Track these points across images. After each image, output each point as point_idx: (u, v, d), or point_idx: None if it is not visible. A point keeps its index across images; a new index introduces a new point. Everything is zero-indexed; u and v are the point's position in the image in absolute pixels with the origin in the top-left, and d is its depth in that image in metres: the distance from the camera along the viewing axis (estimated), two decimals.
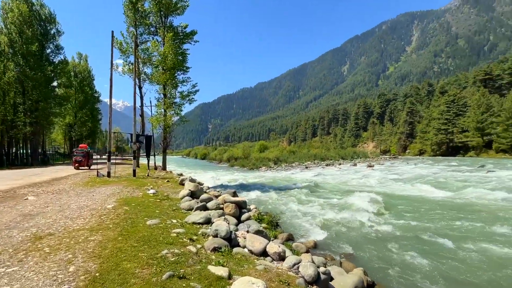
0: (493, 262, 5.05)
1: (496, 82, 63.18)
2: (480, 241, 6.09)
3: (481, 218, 7.77)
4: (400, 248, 5.92)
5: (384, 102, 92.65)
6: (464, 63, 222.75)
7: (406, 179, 18.06)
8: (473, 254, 5.41)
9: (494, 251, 5.48)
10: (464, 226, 7.18)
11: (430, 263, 5.09)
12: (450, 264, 5.05)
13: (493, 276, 4.57)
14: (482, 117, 46.96)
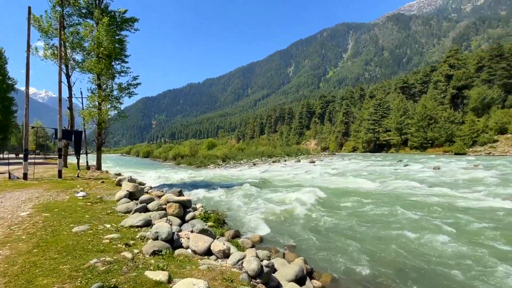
0: (411, 243, 5.95)
1: (411, 89, 74.76)
2: (400, 226, 7.11)
3: (402, 205, 9.10)
4: (335, 236, 6.52)
5: (324, 103, 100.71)
6: (388, 72, 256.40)
7: (342, 173, 20.00)
8: (395, 237, 6.28)
9: (411, 234, 6.45)
10: (388, 212, 8.30)
11: (359, 247, 5.73)
12: (376, 247, 5.76)
13: (410, 255, 5.38)
14: (400, 119, 55.08)
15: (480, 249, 5.37)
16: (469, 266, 4.73)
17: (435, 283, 4.30)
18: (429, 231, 6.43)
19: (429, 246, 5.63)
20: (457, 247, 5.47)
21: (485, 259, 4.93)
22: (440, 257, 5.15)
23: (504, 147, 39.10)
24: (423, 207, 8.80)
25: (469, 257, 5.05)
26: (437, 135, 47.30)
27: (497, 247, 5.52)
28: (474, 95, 50.90)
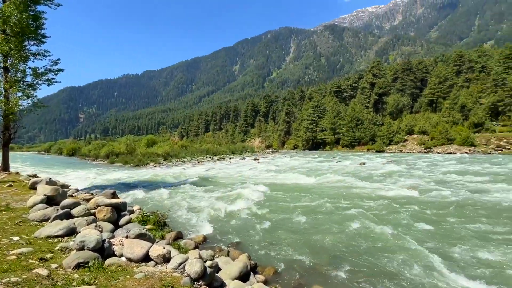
0: (344, 230, 6.60)
1: (343, 94, 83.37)
2: (335, 216, 7.82)
3: (336, 196, 10.05)
4: (278, 229, 6.81)
5: (268, 102, 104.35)
6: (324, 76, 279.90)
7: (284, 170, 21.07)
8: (331, 226, 6.89)
9: (345, 223, 7.16)
10: (324, 204, 9.06)
11: (300, 239, 6.10)
12: (315, 237, 6.22)
13: (344, 241, 5.96)
14: (334, 120, 60.98)
15: (396, 230, 6.31)
16: (391, 246, 5.50)
17: (366, 263, 4.87)
18: (358, 218, 7.27)
19: (359, 232, 6.36)
20: (382, 230, 6.32)
21: (402, 239, 5.82)
22: (368, 240, 5.87)
23: (411, 145, 47.12)
24: (352, 198, 9.92)
25: (389, 237, 5.89)
26: (363, 135, 54.00)
27: (410, 228, 6.58)
28: (390, 101, 59.86)
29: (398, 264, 4.76)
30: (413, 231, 6.42)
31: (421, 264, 4.66)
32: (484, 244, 5.48)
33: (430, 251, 5.12)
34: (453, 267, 4.52)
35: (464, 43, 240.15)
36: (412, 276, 4.33)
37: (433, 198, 9.77)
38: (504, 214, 7.62)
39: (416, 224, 6.89)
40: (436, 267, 4.53)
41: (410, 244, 5.51)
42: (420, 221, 7.06)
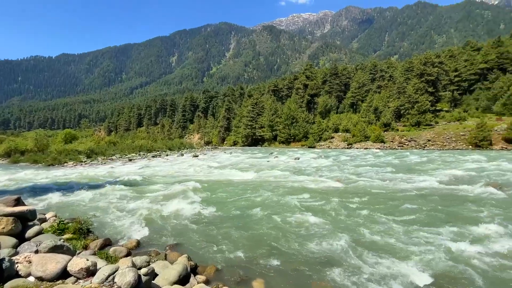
0: (281, 222, 6.95)
1: (280, 93, 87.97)
2: (273, 209, 8.18)
3: (273, 190, 10.52)
4: (219, 227, 6.74)
5: (208, 98, 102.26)
6: (263, 75, 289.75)
7: (224, 166, 21.03)
8: (270, 219, 7.17)
9: (281, 215, 7.53)
10: (264, 198, 9.38)
11: (240, 234, 6.18)
12: (255, 231, 6.39)
13: (281, 232, 6.27)
14: (272, 118, 63.93)
15: (326, 219, 7.01)
16: (321, 233, 6.06)
17: (301, 251, 5.24)
18: (293, 210, 7.79)
19: (295, 222, 6.82)
20: (314, 220, 6.91)
21: (331, 226, 6.49)
22: (302, 229, 6.34)
23: (337, 142, 53.25)
24: (288, 191, 10.58)
25: (321, 225, 6.50)
26: (297, 132, 58.25)
27: (337, 215, 7.40)
28: (320, 102, 66.17)
29: (328, 249, 5.30)
30: (339, 218, 7.24)
31: (353, 249, 5.29)
32: (397, 224, 6.59)
33: (360, 236, 5.86)
34: (373, 247, 5.28)
35: (377, 55, 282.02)
36: (341, 259, 4.88)
37: (354, 188, 11.22)
38: (408, 197, 9.30)
39: (342, 211, 7.79)
40: (365, 251, 5.21)
41: (338, 230, 6.20)
42: (345, 209, 8.01)
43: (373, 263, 4.63)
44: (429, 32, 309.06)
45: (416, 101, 50.82)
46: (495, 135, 40.12)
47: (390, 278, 4.14)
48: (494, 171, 15.01)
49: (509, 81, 50.96)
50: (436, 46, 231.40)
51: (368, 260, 4.77)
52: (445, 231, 5.96)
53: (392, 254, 4.94)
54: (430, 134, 46.30)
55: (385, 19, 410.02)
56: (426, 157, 24.81)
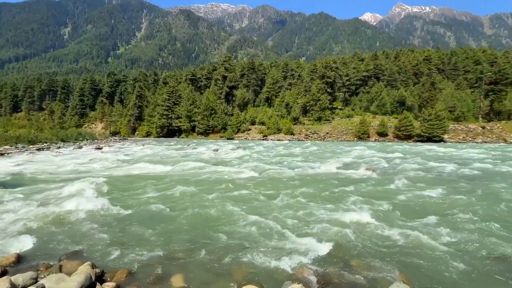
0: (200, 215, 6.85)
1: (199, 82, 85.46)
2: (191, 202, 7.97)
3: (192, 183, 10.24)
4: (130, 226, 6.11)
5: (114, 82, 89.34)
6: (180, 62, 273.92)
7: (136, 159, 19.03)
8: (187, 214, 6.97)
9: (202, 207, 7.43)
10: (181, 192, 9.02)
11: (155, 232, 5.79)
12: (171, 227, 6.10)
13: (199, 226, 6.19)
14: (190, 108, 61.61)
15: (243, 207, 7.36)
16: (241, 222, 6.33)
17: (222, 242, 5.33)
18: (212, 201, 7.84)
19: (214, 214, 6.87)
20: (232, 209, 7.13)
21: (249, 214, 6.85)
22: (221, 220, 6.46)
23: (254, 134, 56.24)
24: (207, 182, 10.55)
25: (240, 214, 6.77)
26: (216, 123, 58.24)
27: (254, 203, 7.87)
28: (239, 94, 68.04)
29: (246, 235, 5.61)
30: (255, 205, 7.75)
31: (267, 232, 5.73)
32: (302, 205, 7.53)
33: (273, 220, 6.39)
34: (290, 229, 5.89)
35: (289, 55, 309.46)
36: (257, 242, 5.25)
37: (268, 176, 12.20)
38: (312, 182, 10.76)
39: (258, 198, 8.36)
40: (278, 232, 5.73)
41: (254, 216, 6.62)
42: (260, 196, 8.63)
43: (283, 242, 5.20)
44: (329, 41, 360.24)
45: (318, 99, 58.67)
46: (371, 129, 50.79)
47: (297, 252, 4.76)
48: (371, 157, 19.14)
49: (381, 88, 65.10)
50: (334, 53, 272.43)
51: (280, 239, 5.32)
52: (338, 207, 7.25)
53: (298, 232, 5.67)
54: (328, 128, 54.60)
55: (296, 23, 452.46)
56: (325, 147, 29.24)
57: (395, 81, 68.21)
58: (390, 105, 58.73)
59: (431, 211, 6.96)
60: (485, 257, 4.59)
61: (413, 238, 5.26)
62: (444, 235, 5.43)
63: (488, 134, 46.19)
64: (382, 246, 5.05)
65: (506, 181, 10.93)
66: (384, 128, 48.22)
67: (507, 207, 7.31)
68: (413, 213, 6.96)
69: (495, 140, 43.95)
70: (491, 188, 9.84)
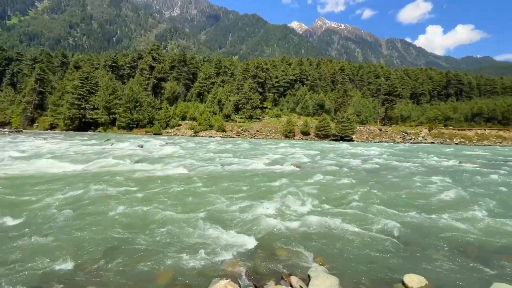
0: (116, 219, 6.09)
1: (120, 70, 76.36)
2: (108, 205, 7.02)
3: (109, 183, 9.03)
4: (25, 236, 4.97)
5: (3, 59, 71.22)
6: (97, 45, 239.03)
7: (35, 156, 15.62)
8: (102, 217, 6.10)
9: (119, 210, 6.61)
10: (95, 193, 7.85)
11: (59, 239, 4.87)
12: (80, 232, 5.24)
13: (113, 230, 5.50)
14: (109, 98, 54.43)
15: (170, 207, 6.94)
16: (165, 222, 5.91)
17: (143, 245, 4.86)
18: (132, 202, 7.10)
19: (131, 216, 6.22)
20: (156, 210, 6.62)
21: (176, 213, 6.48)
22: (142, 221, 5.91)
23: (184, 129, 53.85)
24: (126, 182, 9.51)
25: (164, 214, 6.33)
26: (141, 117, 53.18)
27: (183, 202, 7.49)
28: (168, 87, 63.90)
29: (170, 235, 5.30)
30: (183, 204, 7.42)
31: (194, 231, 5.52)
32: (233, 201, 7.58)
33: (201, 218, 6.20)
34: (218, 225, 5.81)
35: (222, 51, 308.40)
36: (187, 243, 5.02)
37: (199, 173, 11.88)
38: (242, 178, 10.98)
39: (186, 197, 8.03)
40: (206, 230, 5.59)
41: (181, 215, 6.33)
42: (189, 194, 8.31)
43: (211, 239, 5.13)
44: (261, 42, 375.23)
45: (250, 98, 60.48)
46: (296, 129, 55.45)
47: (225, 248, 4.77)
48: (295, 154, 20.90)
49: (305, 91, 71.65)
50: (265, 55, 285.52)
51: (208, 237, 5.24)
52: (266, 201, 7.62)
53: (227, 228, 5.70)
54: (259, 126, 56.92)
55: (229, 20, 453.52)
56: (255, 145, 30.40)
57: (316, 86, 76.27)
58: (312, 107, 65.35)
59: (343, 199, 8.08)
60: (383, 234, 5.60)
61: (328, 223, 5.98)
62: (352, 218, 6.37)
63: (383, 135, 56.67)
64: (303, 233, 5.56)
65: (395, 172, 13.65)
66: (307, 128, 53.45)
67: (396, 193, 9.11)
68: (329, 201, 7.93)
69: (388, 140, 54.26)
70: (385, 178, 12.10)
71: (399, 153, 25.78)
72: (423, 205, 7.99)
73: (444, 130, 60.62)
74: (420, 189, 9.96)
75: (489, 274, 4.12)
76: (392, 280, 3.90)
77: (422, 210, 7.37)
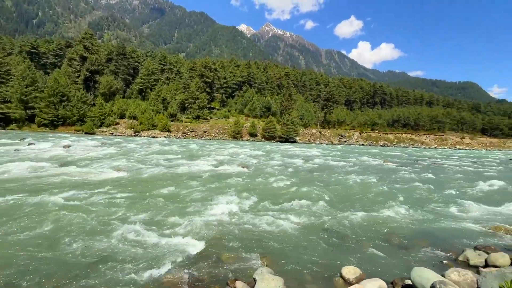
0: (39, 232, 5.06)
1: (42, 59, 65.54)
2: (26, 216, 5.80)
3: (26, 191, 7.50)
4: None
5: None
6: (11, 27, 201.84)
7: None
8: (18, 231, 4.99)
9: (41, 221, 5.51)
10: (7, 204, 6.42)
11: None
12: None
13: (35, 246, 4.55)
14: (26, 90, 46.02)
15: (100, 214, 6.11)
16: (90, 232, 5.15)
17: (62, 259, 4.10)
18: (57, 212, 6.04)
19: (55, 227, 5.28)
20: (82, 218, 5.73)
21: (103, 221, 5.71)
22: (62, 233, 5.05)
23: (123, 129, 49.05)
24: (49, 188, 8.09)
25: (89, 224, 5.52)
26: (69, 113, 46.43)
27: (111, 209, 6.67)
28: (103, 81, 57.33)
29: (108, 248, 4.65)
30: (120, 211, 6.63)
31: (134, 240, 4.93)
32: (177, 204, 7.09)
33: (141, 225, 5.58)
34: (161, 232, 5.30)
35: (167, 47, 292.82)
36: (124, 255, 4.44)
37: (139, 176, 10.87)
38: (188, 180, 10.42)
39: (123, 202, 7.21)
40: (147, 238, 5.04)
41: (111, 224, 5.63)
42: (128, 199, 7.49)
43: (153, 249, 4.68)
44: (209, 42, 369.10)
45: (197, 97, 58.77)
46: (244, 130, 56.07)
47: (168, 256, 4.39)
48: (243, 155, 21.00)
49: (253, 94, 73.10)
50: (213, 55, 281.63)
51: (149, 246, 4.76)
52: (212, 203, 7.36)
53: (170, 235, 5.29)
54: (206, 127, 55.69)
55: (176, 16, 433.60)
56: (202, 145, 29.55)
57: (264, 89, 78.53)
58: (259, 109, 66.98)
59: (287, 199, 8.36)
60: (323, 230, 5.94)
61: (273, 223, 6.08)
62: (295, 217, 6.61)
63: (323, 137, 61.62)
64: (249, 235, 5.51)
65: (333, 171, 14.86)
66: (254, 129, 54.51)
67: (334, 191, 9.87)
68: (274, 201, 8.10)
69: (326, 142, 59.20)
70: (324, 177, 13.06)
71: (336, 154, 28.32)
72: (356, 201, 8.84)
73: (372, 133, 69.27)
74: (353, 187, 11.03)
75: (410, 259, 4.73)
76: (332, 274, 4.13)
77: (356, 205, 8.14)
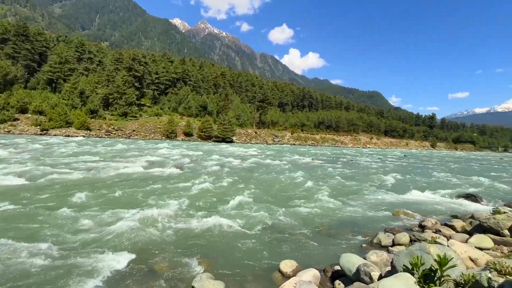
0: None
1: None
2: None
3: None
4: None
5: None
6: None
7: None
8: None
9: None
10: None
11: None
12: None
13: None
14: None
15: None
16: None
17: None
18: None
19: None
20: None
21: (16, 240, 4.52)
22: None
23: (25, 126, 40.25)
24: None
25: None
26: None
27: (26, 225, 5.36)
28: None
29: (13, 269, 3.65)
30: (26, 225, 5.37)
31: (45, 259, 4.00)
32: (106, 213, 6.13)
33: (53, 241, 4.59)
34: (79, 247, 4.46)
35: (86, 33, 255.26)
36: (34, 278, 3.56)
37: (46, 182, 9.07)
38: (113, 184, 9.18)
39: (29, 214, 5.87)
40: (62, 255, 4.17)
41: (23, 244, 4.53)
42: (37, 211, 6.13)
43: (70, 267, 3.93)
44: (138, 33, 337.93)
45: (124, 92, 53.15)
46: (179, 129, 53.51)
47: (90, 273, 3.76)
48: (177, 156, 19.92)
49: (188, 92, 70.42)
50: (143, 47, 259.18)
51: (66, 265, 3.98)
52: (142, 209, 6.66)
53: (92, 248, 4.56)
54: (135, 125, 50.82)
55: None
56: (131, 146, 26.80)
57: (199, 88, 76.35)
58: (195, 108, 64.78)
59: (223, 199, 8.27)
60: (260, 227, 6.07)
61: (209, 225, 5.91)
62: (232, 217, 6.57)
63: (258, 137, 63.85)
64: (185, 240, 5.20)
65: (268, 170, 15.51)
66: (190, 128, 52.42)
67: (269, 188, 10.28)
68: (209, 202, 7.90)
69: (262, 142, 61.58)
70: (260, 175, 13.49)
71: (271, 153, 29.73)
72: (289, 196, 9.41)
73: (301, 134, 75.49)
74: (287, 183, 11.74)
75: (338, 247, 5.26)
76: (271, 270, 4.24)
77: (289, 201, 8.65)
